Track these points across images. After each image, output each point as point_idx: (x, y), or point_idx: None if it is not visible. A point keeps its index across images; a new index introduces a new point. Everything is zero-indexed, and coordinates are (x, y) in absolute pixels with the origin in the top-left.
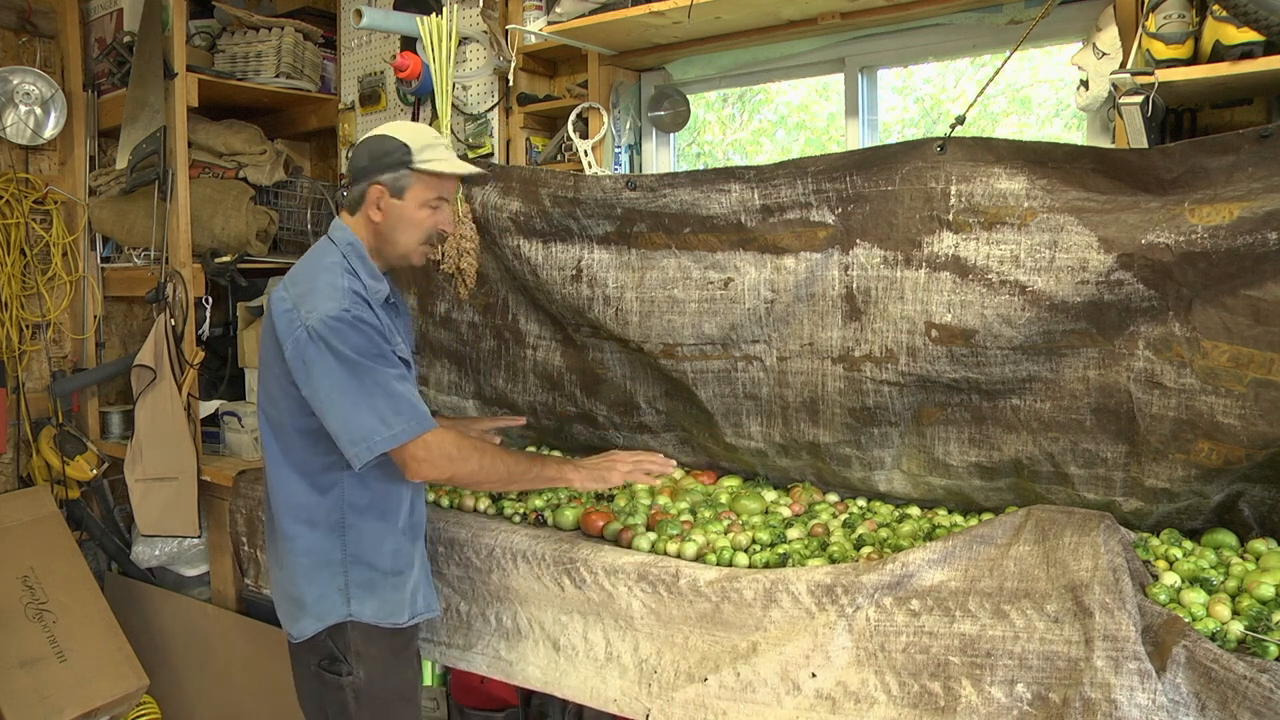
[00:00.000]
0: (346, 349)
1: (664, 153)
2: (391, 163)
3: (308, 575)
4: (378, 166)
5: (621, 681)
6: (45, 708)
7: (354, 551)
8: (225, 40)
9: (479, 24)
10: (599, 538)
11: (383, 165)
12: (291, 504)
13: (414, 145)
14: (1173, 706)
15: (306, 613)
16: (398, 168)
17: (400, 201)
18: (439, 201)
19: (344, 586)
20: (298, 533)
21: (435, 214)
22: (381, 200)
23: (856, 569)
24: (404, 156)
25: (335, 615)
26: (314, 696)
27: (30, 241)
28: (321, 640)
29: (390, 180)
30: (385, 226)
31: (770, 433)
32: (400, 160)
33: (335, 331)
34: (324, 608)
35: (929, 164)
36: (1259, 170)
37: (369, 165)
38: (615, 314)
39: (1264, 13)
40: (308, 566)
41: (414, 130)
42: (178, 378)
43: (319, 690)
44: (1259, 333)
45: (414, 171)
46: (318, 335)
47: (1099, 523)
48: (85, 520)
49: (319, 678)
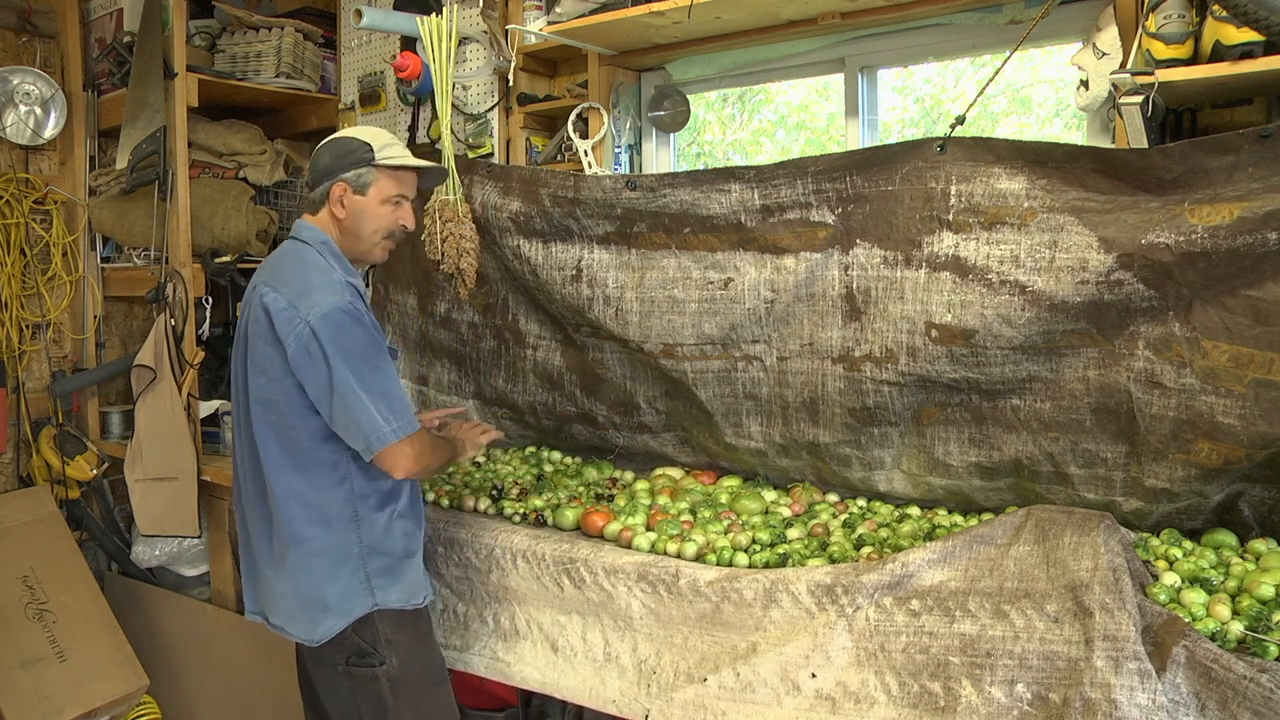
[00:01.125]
0: (351, 344)
1: (664, 153)
2: (354, 160)
3: (328, 574)
4: (340, 165)
5: (620, 682)
6: (45, 708)
7: (369, 542)
8: (225, 40)
9: (479, 24)
10: (599, 538)
11: (345, 164)
12: (303, 507)
13: (375, 144)
14: (1173, 706)
15: (330, 612)
16: (360, 165)
17: (363, 198)
18: (400, 198)
19: (365, 578)
20: (312, 534)
21: (397, 210)
22: (345, 197)
23: (856, 569)
24: (366, 154)
25: (361, 608)
26: (345, 695)
27: (30, 241)
28: (348, 637)
29: (353, 178)
30: (349, 223)
31: (770, 433)
32: (362, 158)
33: (340, 326)
34: (349, 603)
35: (929, 164)
36: (1259, 170)
37: (331, 165)
38: (615, 314)
39: (1264, 13)
40: (326, 566)
41: (373, 132)
42: (178, 378)
43: (350, 689)
44: (1259, 333)
45: (376, 168)
46: (323, 330)
47: (1099, 523)
48: (85, 520)
49: (349, 675)
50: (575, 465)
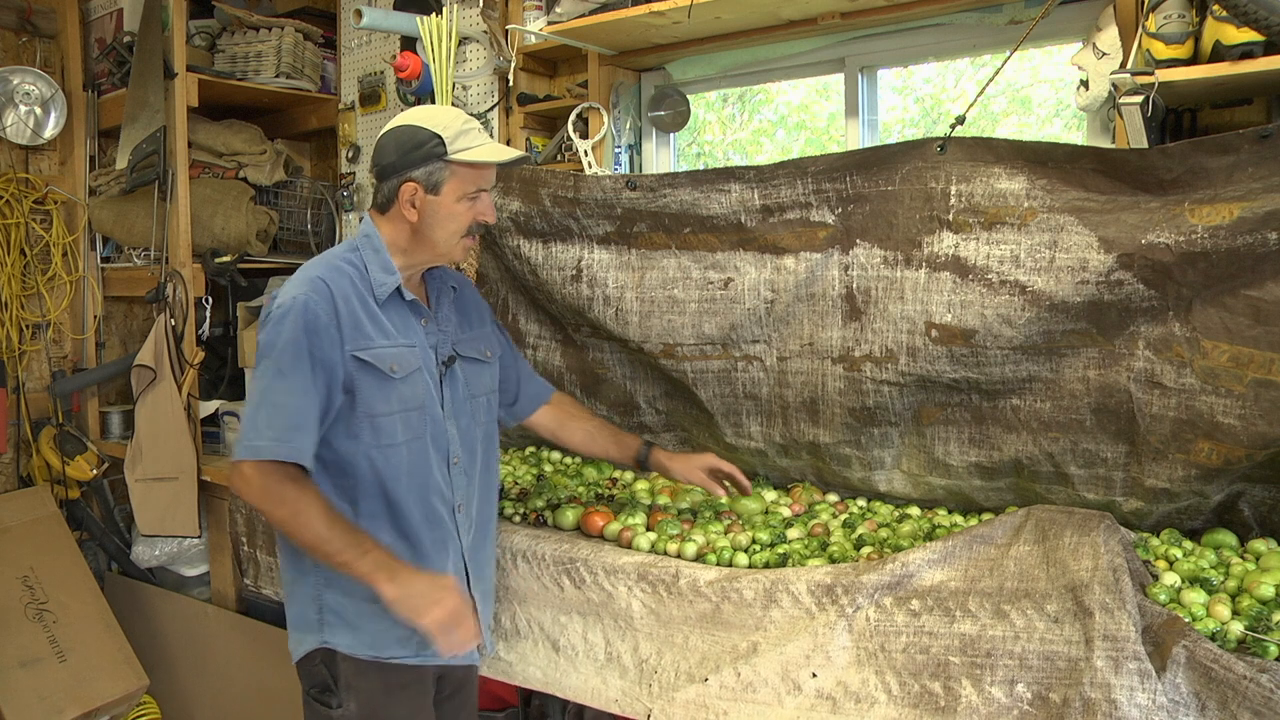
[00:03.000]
0: (274, 340)
1: (664, 153)
2: (424, 156)
3: (288, 590)
4: (408, 161)
5: (622, 682)
6: (45, 708)
7: (327, 571)
8: (225, 40)
9: (479, 24)
10: (599, 538)
11: (414, 159)
12: None
13: (447, 134)
14: (1173, 706)
15: (294, 630)
16: (431, 160)
17: (436, 198)
18: (478, 192)
19: (319, 610)
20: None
21: (475, 205)
22: (416, 198)
23: (856, 569)
24: (437, 148)
25: (312, 641)
26: None
27: (30, 241)
28: (315, 665)
29: (423, 175)
30: (422, 225)
31: (770, 433)
32: (433, 153)
33: (277, 320)
34: (302, 629)
35: (929, 164)
36: (1259, 170)
37: (398, 160)
38: (615, 314)
39: (1264, 13)
40: (288, 580)
41: (444, 116)
42: (178, 378)
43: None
44: (1259, 333)
45: (449, 163)
46: (267, 321)
47: (1099, 523)
48: (85, 520)
49: (309, 707)
50: (575, 465)
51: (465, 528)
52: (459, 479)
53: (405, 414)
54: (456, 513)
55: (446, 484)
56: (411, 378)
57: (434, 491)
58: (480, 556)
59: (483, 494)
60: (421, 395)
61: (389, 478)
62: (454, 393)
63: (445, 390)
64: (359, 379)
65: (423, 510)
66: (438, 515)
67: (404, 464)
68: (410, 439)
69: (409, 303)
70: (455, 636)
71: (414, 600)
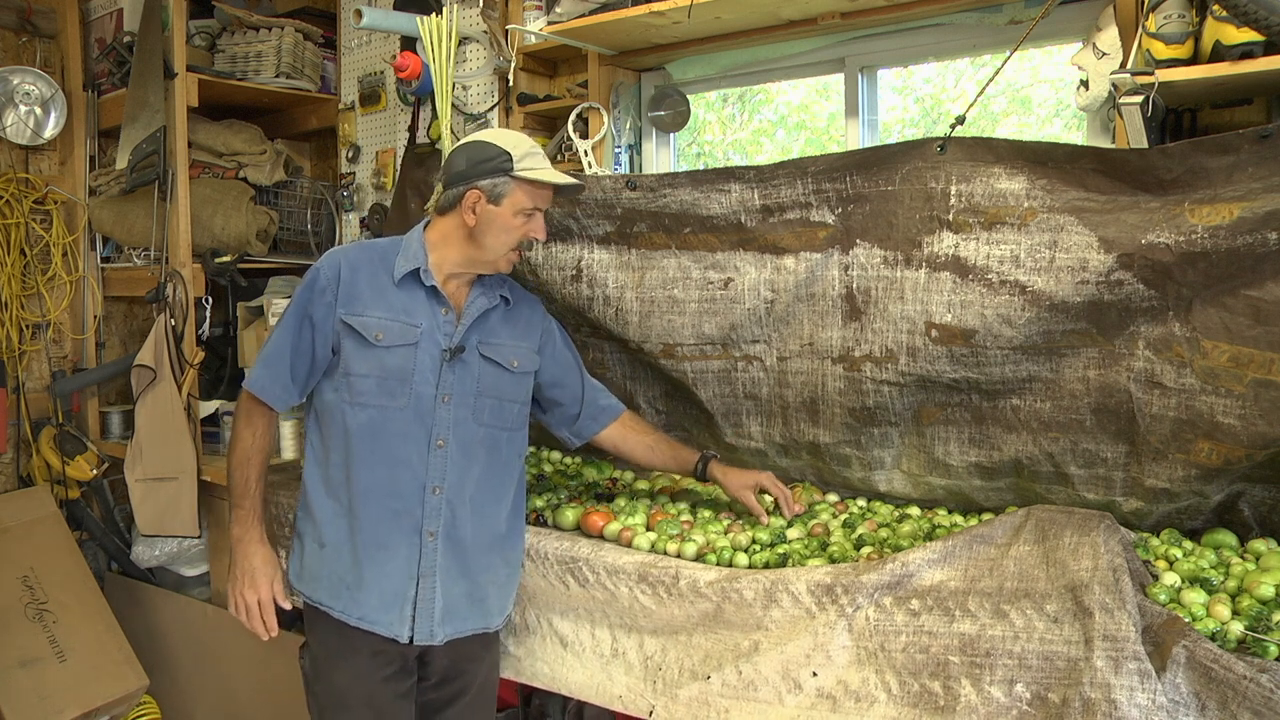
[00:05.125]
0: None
1: (664, 153)
2: (491, 169)
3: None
4: (477, 172)
5: (627, 678)
6: (45, 708)
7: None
8: (225, 40)
9: (479, 24)
10: (599, 538)
11: (482, 171)
12: None
13: (516, 153)
14: (1172, 706)
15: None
16: (497, 174)
17: (497, 208)
18: (534, 210)
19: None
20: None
21: (529, 221)
22: (478, 205)
23: (856, 569)
24: (505, 164)
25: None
26: None
27: (30, 241)
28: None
29: (488, 186)
30: (478, 230)
31: (770, 433)
32: (500, 167)
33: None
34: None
35: (929, 164)
36: (1259, 170)
37: (467, 170)
38: (615, 314)
39: (1264, 13)
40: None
41: (515, 138)
42: (178, 378)
43: None
44: (1259, 333)
45: (514, 179)
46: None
47: (1099, 523)
48: (85, 520)
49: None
50: (575, 465)
51: (438, 510)
52: (439, 462)
53: (383, 379)
54: (430, 492)
55: (422, 461)
56: (400, 350)
57: (402, 463)
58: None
59: (480, 488)
60: (409, 368)
61: (355, 434)
62: (458, 381)
63: (446, 375)
64: (344, 340)
65: (381, 475)
66: (399, 487)
67: (370, 425)
68: (385, 404)
69: (428, 288)
70: (244, 616)
71: (237, 569)
